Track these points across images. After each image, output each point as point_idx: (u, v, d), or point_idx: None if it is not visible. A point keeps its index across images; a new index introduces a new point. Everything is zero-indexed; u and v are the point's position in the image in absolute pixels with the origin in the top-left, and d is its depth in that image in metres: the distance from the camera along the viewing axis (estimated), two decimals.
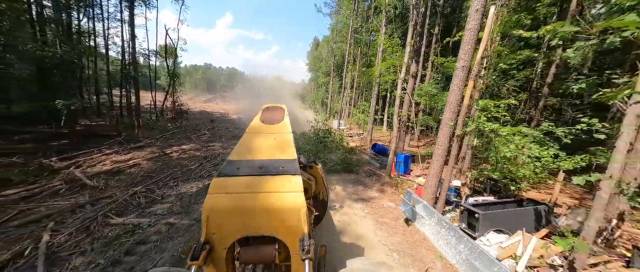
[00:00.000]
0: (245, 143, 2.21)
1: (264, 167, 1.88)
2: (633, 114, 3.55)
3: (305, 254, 1.49)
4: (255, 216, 1.59)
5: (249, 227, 1.60)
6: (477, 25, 5.42)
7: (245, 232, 1.60)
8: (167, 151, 12.16)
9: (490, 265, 4.13)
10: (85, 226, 5.54)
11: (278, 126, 2.47)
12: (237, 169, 1.83)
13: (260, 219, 1.60)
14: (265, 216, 1.60)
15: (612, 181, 3.83)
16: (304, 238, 1.58)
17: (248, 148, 2.14)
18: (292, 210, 1.61)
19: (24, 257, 4.49)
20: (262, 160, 1.96)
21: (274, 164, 1.92)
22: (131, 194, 7.18)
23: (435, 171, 6.44)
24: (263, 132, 2.39)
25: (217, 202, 1.59)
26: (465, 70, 5.68)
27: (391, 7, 14.58)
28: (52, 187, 7.19)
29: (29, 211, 6.02)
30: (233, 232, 1.59)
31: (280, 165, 1.91)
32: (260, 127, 2.44)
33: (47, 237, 4.94)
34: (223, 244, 1.58)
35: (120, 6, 19.73)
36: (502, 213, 5.77)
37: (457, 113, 5.98)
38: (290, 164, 1.92)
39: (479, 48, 5.49)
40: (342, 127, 23.76)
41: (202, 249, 1.47)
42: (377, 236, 5.95)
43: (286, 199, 1.64)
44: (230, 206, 1.59)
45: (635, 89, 3.53)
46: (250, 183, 1.73)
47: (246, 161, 1.93)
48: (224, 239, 1.58)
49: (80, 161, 9.66)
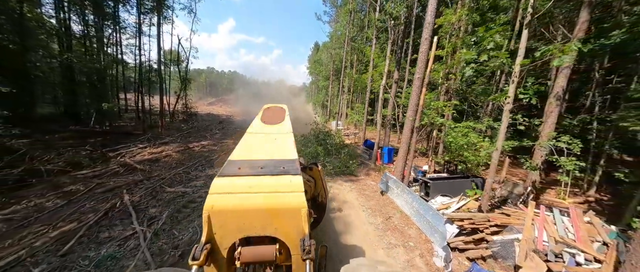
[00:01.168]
0: (247, 143, 2.23)
1: (265, 167, 1.88)
2: (506, 109, 5.77)
3: (305, 255, 1.50)
4: (256, 216, 1.59)
5: (249, 228, 1.59)
6: (426, 49, 7.66)
7: (246, 232, 1.60)
8: (190, 145, 14.42)
9: (429, 210, 6.31)
10: (148, 193, 7.77)
11: (279, 126, 2.50)
12: (239, 169, 1.84)
13: (261, 219, 1.59)
14: (266, 216, 1.60)
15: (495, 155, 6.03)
16: (305, 238, 1.58)
17: (249, 148, 2.15)
18: (293, 210, 1.61)
19: (116, 207, 6.70)
20: (263, 160, 1.97)
21: (274, 164, 1.92)
22: (173, 174, 9.42)
23: (402, 154, 8.66)
24: (264, 132, 2.41)
25: (218, 202, 1.59)
26: (420, 81, 7.91)
27: (380, 22, 16.86)
28: (112, 170, 9.43)
29: (103, 184, 8.25)
30: (234, 232, 1.59)
31: (281, 165, 1.91)
32: (261, 128, 2.46)
33: (127, 196, 7.17)
34: (224, 244, 1.59)
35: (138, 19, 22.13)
36: (447, 183, 7.97)
37: (416, 111, 8.20)
38: (291, 164, 1.94)
39: (428, 65, 7.73)
40: (339, 127, 26.01)
41: (203, 249, 1.48)
42: (358, 201, 8.14)
43: (287, 199, 1.65)
44: (231, 206, 1.58)
45: (507, 94, 5.75)
46: (251, 183, 1.73)
47: (247, 161, 1.95)
48: (225, 239, 1.59)
49: (123, 152, 11.91)
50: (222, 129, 23.64)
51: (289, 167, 1.88)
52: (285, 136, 2.34)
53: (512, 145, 8.44)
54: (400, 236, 6.17)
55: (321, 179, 3.35)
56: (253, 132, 2.38)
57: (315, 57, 62.31)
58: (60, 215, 6.13)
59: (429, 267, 5.01)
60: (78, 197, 7.13)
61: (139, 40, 22.90)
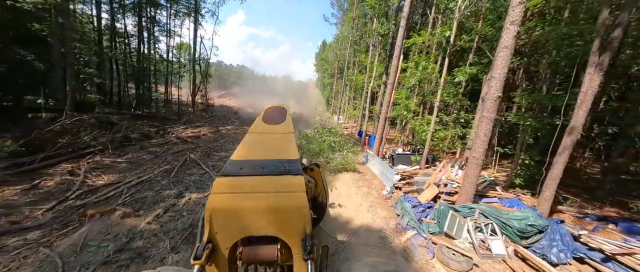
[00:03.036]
0: (248, 143, 2.26)
1: (267, 167, 1.88)
2: (436, 106, 9.27)
3: (307, 255, 1.51)
4: (258, 215, 1.59)
5: (251, 227, 1.58)
6: (395, 63, 11.14)
7: (248, 232, 1.59)
8: (219, 128, 18.21)
9: (389, 170, 9.87)
10: (204, 154, 11.49)
11: (280, 126, 2.54)
12: (240, 169, 1.83)
13: (263, 219, 1.59)
14: (268, 216, 1.59)
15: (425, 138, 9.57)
16: (307, 238, 1.59)
17: (251, 148, 2.18)
18: (294, 210, 1.61)
19: (187, 161, 10.41)
20: (265, 160, 1.97)
21: (276, 164, 1.92)
22: (214, 146, 13.16)
23: (377, 137, 12.24)
24: (265, 132, 2.46)
25: (220, 201, 1.58)
26: (391, 85, 11.41)
27: (376, 33, 20.32)
28: (171, 141, 13.19)
29: (170, 149, 11.98)
30: (235, 232, 1.58)
31: (282, 165, 1.91)
32: (263, 127, 2.51)
33: (192, 155, 10.90)
34: (226, 243, 1.58)
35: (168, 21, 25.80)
36: (406, 157, 11.53)
37: (388, 106, 11.72)
38: (293, 164, 1.94)
39: (397, 74, 11.21)
40: (340, 121, 29.62)
41: (204, 248, 1.47)
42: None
43: (289, 199, 1.65)
44: (233, 205, 1.58)
45: (436, 96, 9.25)
46: (252, 183, 1.72)
47: (249, 161, 1.94)
48: (227, 239, 1.58)
49: (170, 131, 15.69)
50: (238, 118, 27.44)
51: (291, 168, 1.88)
52: (286, 135, 2.43)
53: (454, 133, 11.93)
54: (368, 183, 9.78)
55: (322, 179, 3.45)
56: (254, 131, 2.44)
57: (322, 55, 65.49)
58: (156, 162, 9.88)
59: (379, 196, 8.59)
60: (160, 154, 10.89)
61: (169, 40, 26.77)
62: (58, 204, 6.04)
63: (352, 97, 36.11)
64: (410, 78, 11.28)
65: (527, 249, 5.53)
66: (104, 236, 5.01)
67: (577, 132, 6.23)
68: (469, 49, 11.62)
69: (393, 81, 11.36)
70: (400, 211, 7.09)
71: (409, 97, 13.03)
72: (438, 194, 7.65)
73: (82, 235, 4.86)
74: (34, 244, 4.60)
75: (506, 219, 5.93)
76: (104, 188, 7.19)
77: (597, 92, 6.18)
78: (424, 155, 9.95)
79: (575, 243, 5.52)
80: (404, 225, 6.54)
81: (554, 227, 5.69)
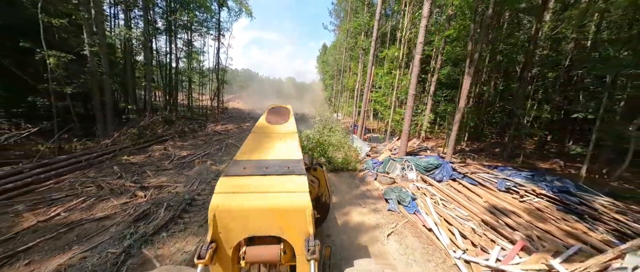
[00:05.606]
0: (252, 143, 2.29)
1: (270, 167, 1.90)
2: (393, 101, 13.93)
3: (310, 255, 1.52)
4: (261, 215, 1.61)
5: (254, 227, 1.61)
6: (369, 71, 15.84)
7: (251, 232, 1.62)
8: (242, 125, 23.17)
9: (364, 144, 14.58)
10: (237, 140, 16.38)
11: (283, 126, 2.56)
12: (244, 169, 1.87)
13: (266, 219, 1.61)
14: (271, 216, 1.62)
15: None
16: (309, 239, 1.60)
17: (254, 148, 2.21)
18: (297, 210, 1.63)
19: (227, 144, 15.29)
20: (268, 160, 2.00)
21: (279, 164, 1.95)
22: (242, 136, 18.06)
23: (360, 125, 16.95)
24: (269, 132, 2.48)
25: (223, 201, 1.60)
26: (367, 88, 16.11)
27: (359, 47, 25.07)
28: (210, 133, 18.12)
29: (210, 139, 16.88)
30: (239, 231, 1.61)
31: (286, 165, 1.94)
32: (266, 128, 2.54)
33: (230, 140, 15.79)
34: (229, 243, 1.61)
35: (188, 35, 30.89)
36: (376, 137, 16.22)
37: (365, 103, 16.39)
38: (296, 164, 1.96)
39: (370, 80, 15.85)
40: (339, 118, 34.46)
41: (208, 248, 1.50)
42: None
43: (292, 199, 1.66)
44: (236, 205, 1.60)
45: (393, 94, 13.91)
46: (256, 183, 1.75)
47: (252, 161, 1.98)
48: (230, 239, 1.61)
49: (206, 127, 20.65)
50: (252, 118, 32.41)
51: (294, 168, 1.90)
52: (290, 135, 2.38)
53: (421, 120, 16.55)
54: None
55: (325, 179, 3.39)
56: (258, 132, 2.42)
57: (323, 58, 70.25)
58: (208, 144, 14.78)
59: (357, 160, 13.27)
60: (208, 141, 15.81)
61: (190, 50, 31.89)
62: (171, 162, 10.96)
63: (348, 97, 40.78)
64: (380, 81, 15.97)
65: (427, 175, 10.17)
66: (207, 170, 9.91)
67: (461, 112, 10.86)
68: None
69: (369, 84, 16.06)
70: (367, 165, 11.83)
71: (385, 94, 17.71)
72: (389, 156, 12.33)
73: (198, 171, 9.76)
74: (175, 172, 9.51)
75: (418, 161, 10.59)
76: (186, 156, 12.10)
77: (470, 87, 10.79)
78: (387, 134, 14.63)
79: (453, 172, 10.13)
80: (368, 170, 11.29)
81: (444, 164, 10.31)
